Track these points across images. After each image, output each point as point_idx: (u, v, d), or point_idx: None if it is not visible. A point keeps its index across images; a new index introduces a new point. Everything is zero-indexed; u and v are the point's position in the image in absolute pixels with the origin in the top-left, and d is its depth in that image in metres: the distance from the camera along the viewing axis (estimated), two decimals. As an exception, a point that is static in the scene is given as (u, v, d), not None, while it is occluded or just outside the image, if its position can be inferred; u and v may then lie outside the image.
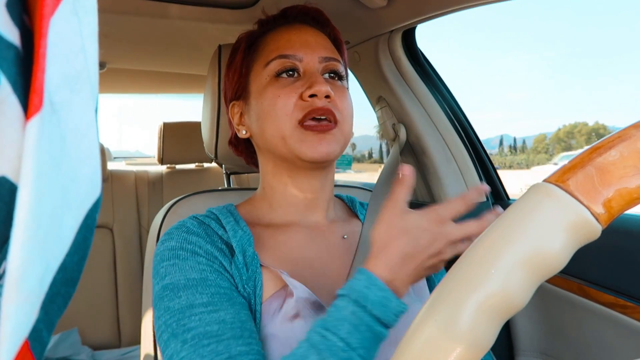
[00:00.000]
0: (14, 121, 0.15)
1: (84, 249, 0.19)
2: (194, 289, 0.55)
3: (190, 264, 0.58)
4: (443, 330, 0.24)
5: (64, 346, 1.78)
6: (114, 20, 1.25)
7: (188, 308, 0.54)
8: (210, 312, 0.53)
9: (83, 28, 0.18)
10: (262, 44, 0.69)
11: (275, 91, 0.63)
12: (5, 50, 0.15)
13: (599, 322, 0.81)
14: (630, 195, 0.25)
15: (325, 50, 0.67)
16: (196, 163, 2.25)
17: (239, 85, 0.70)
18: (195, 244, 0.60)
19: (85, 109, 0.18)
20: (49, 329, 0.18)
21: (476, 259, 0.25)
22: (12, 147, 0.15)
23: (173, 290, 0.56)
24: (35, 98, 0.15)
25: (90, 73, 0.18)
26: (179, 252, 0.59)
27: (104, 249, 1.96)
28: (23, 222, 0.15)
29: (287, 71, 0.64)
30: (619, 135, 0.27)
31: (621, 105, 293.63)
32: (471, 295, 0.24)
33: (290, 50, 0.65)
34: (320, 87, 0.61)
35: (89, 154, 0.18)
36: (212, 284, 0.56)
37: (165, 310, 0.55)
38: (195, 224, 0.63)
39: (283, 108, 0.62)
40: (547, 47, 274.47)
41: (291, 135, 0.62)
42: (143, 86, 2.47)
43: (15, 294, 0.15)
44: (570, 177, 0.26)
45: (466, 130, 1.18)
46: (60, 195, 0.17)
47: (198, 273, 0.57)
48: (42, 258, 0.16)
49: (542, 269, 0.25)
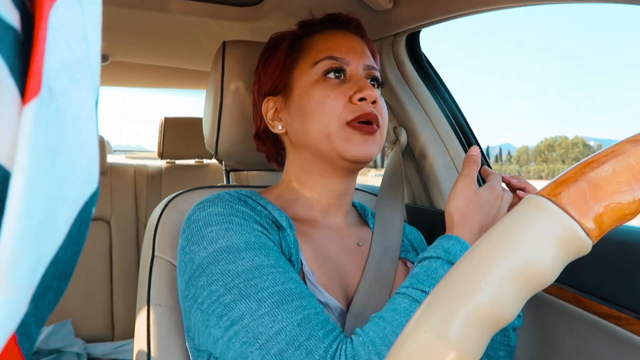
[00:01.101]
0: (11, 105, 0.15)
1: (78, 242, 0.18)
2: (258, 251, 0.54)
3: (246, 228, 0.56)
4: (433, 340, 0.24)
5: (57, 338, 1.78)
6: (119, 13, 1.25)
7: (256, 268, 0.52)
8: (282, 272, 0.52)
9: (86, 17, 0.18)
10: (308, 44, 0.70)
11: (325, 91, 0.65)
12: (3, 32, 0.15)
13: (593, 333, 0.81)
14: (622, 211, 0.25)
15: (369, 59, 0.70)
16: (196, 159, 2.25)
17: (279, 81, 0.70)
18: (244, 212, 0.59)
19: (85, 99, 0.18)
20: (38, 324, 0.17)
21: (467, 270, 0.25)
22: (7, 132, 0.15)
23: (232, 253, 0.53)
24: (33, 82, 0.15)
25: (91, 63, 0.18)
26: (230, 218, 0.57)
27: (101, 242, 1.96)
28: (15, 210, 0.14)
29: (335, 72, 0.66)
30: (613, 150, 0.27)
31: (602, 118, 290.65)
32: (461, 306, 0.24)
33: (339, 53, 0.67)
34: (370, 92, 0.63)
35: (88, 145, 0.18)
36: (273, 249, 0.56)
37: (223, 274, 0.52)
38: (234, 197, 0.62)
39: (333, 108, 0.64)
40: (545, 58, 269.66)
41: (337, 134, 0.63)
42: (146, 80, 2.47)
43: (4, 285, 0.14)
44: (562, 191, 0.26)
45: (467, 137, 1.18)
46: (55, 185, 0.16)
47: (257, 238, 0.56)
48: (33, 249, 0.15)
49: (531, 283, 0.25)
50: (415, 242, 0.79)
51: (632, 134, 0.28)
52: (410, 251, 0.75)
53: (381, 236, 0.72)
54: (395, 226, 0.74)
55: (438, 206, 1.14)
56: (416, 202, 1.25)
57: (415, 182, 1.22)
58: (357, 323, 0.59)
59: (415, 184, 1.23)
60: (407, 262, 0.73)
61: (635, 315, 0.74)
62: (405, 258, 0.73)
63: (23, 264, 0.15)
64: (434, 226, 0.78)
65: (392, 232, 0.73)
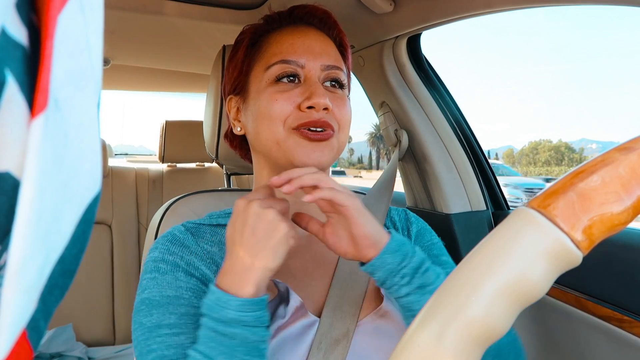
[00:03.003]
0: (20, 119, 0.16)
1: (82, 242, 0.19)
2: (165, 308, 0.56)
3: (168, 279, 0.58)
4: (425, 356, 0.24)
5: (58, 342, 1.78)
6: (120, 17, 1.26)
7: (156, 328, 0.55)
8: (173, 334, 0.54)
9: (89, 25, 0.18)
10: (265, 44, 0.67)
11: (274, 94, 0.62)
12: (13, 50, 0.16)
13: (595, 335, 0.81)
14: (612, 221, 0.25)
15: (329, 58, 0.66)
16: (197, 162, 2.25)
17: (238, 82, 0.69)
18: (177, 254, 0.60)
19: (88, 106, 0.18)
20: (45, 319, 0.18)
21: (458, 285, 0.25)
22: (17, 144, 0.16)
23: (148, 306, 0.57)
24: (40, 97, 0.16)
25: (94, 70, 0.19)
26: (159, 265, 0.60)
27: (102, 246, 1.95)
28: (25, 217, 0.15)
29: (288, 76, 0.63)
30: (602, 159, 0.26)
31: (590, 122, 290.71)
32: (451, 322, 0.24)
33: (293, 55, 0.64)
34: (319, 100, 0.60)
35: (91, 150, 0.19)
36: (185, 303, 0.57)
37: (139, 325, 0.56)
38: (182, 231, 0.63)
39: (279, 113, 0.61)
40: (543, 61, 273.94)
41: (285, 140, 0.61)
42: (146, 84, 2.48)
43: (15, 286, 0.15)
44: (551, 203, 0.25)
45: (468, 139, 1.18)
46: (61, 190, 0.17)
47: (174, 290, 0.58)
48: (42, 251, 0.16)
49: (522, 297, 0.25)
50: (397, 224, 0.75)
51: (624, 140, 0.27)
52: None
53: None
54: (377, 215, 0.73)
55: (439, 208, 1.14)
56: (417, 205, 1.25)
57: (417, 185, 1.22)
58: (334, 316, 0.60)
59: (417, 186, 1.23)
60: None
61: (638, 317, 0.74)
62: None
63: (32, 265, 0.16)
64: (435, 228, 0.77)
65: None
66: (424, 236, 0.73)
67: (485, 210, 1.15)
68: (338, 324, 0.60)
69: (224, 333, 0.49)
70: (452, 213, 1.12)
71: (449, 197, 1.13)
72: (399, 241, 0.55)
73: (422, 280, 0.54)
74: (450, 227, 1.11)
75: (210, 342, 0.49)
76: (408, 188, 1.28)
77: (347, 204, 0.53)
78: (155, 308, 0.56)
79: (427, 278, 0.54)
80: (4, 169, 0.16)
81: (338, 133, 0.64)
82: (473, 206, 1.14)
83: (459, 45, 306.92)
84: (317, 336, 0.58)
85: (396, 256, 0.54)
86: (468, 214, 1.13)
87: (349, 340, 0.59)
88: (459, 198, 1.13)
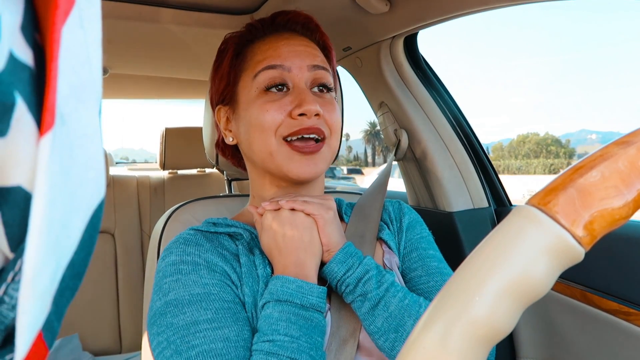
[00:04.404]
0: (29, 137, 0.17)
1: (89, 245, 0.20)
2: (198, 305, 0.56)
3: (192, 278, 0.58)
4: (431, 357, 0.24)
5: (64, 352, 1.78)
6: (118, 25, 1.26)
7: (192, 325, 0.54)
8: (215, 328, 0.54)
9: (88, 37, 0.19)
10: (250, 53, 0.68)
11: (264, 105, 0.63)
12: (21, 72, 0.16)
13: (602, 329, 0.81)
14: (612, 216, 0.25)
15: (314, 58, 0.67)
16: (198, 168, 2.25)
17: (227, 93, 0.70)
18: (194, 254, 0.60)
19: (91, 116, 0.19)
20: (58, 319, 0.20)
21: (461, 286, 0.25)
22: (27, 160, 0.17)
23: (177, 307, 0.56)
24: (48, 117, 0.16)
25: (95, 81, 0.19)
26: (180, 267, 0.59)
27: (106, 255, 1.95)
28: (37, 227, 0.16)
29: (277, 86, 0.64)
30: (601, 154, 0.26)
31: (605, 112, 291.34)
32: (456, 323, 0.24)
33: (279, 59, 0.64)
34: (310, 107, 0.61)
35: (95, 159, 0.19)
36: (216, 299, 0.57)
37: (168, 327, 0.55)
38: (192, 234, 0.64)
39: (271, 123, 0.63)
40: (545, 52, 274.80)
41: (278, 151, 0.63)
42: (145, 91, 2.48)
43: (31, 292, 0.16)
44: (551, 200, 0.25)
45: (468, 136, 1.18)
46: (69, 199, 0.18)
47: (201, 288, 0.57)
48: (53, 259, 0.18)
49: (525, 295, 0.25)
50: (392, 214, 0.77)
51: (624, 133, 0.27)
52: (384, 229, 0.74)
53: (357, 223, 0.72)
54: (372, 213, 0.74)
55: (442, 207, 1.14)
56: (420, 204, 1.25)
57: (418, 184, 1.22)
58: (340, 317, 0.62)
59: (418, 185, 1.22)
60: (383, 243, 0.72)
61: (645, 310, 0.74)
62: (380, 238, 0.72)
63: (45, 272, 0.17)
64: (438, 227, 0.77)
65: (369, 219, 0.73)
66: (415, 228, 0.75)
67: (487, 207, 1.14)
68: (344, 323, 0.62)
69: (305, 317, 0.56)
70: (454, 211, 1.11)
71: (450, 195, 1.13)
72: (347, 253, 0.61)
73: (364, 289, 0.59)
74: (453, 225, 1.10)
75: (293, 325, 0.55)
76: (410, 187, 1.28)
77: (316, 213, 0.61)
78: (186, 307, 0.56)
79: (368, 287, 0.59)
80: (16, 183, 0.17)
81: (330, 139, 0.66)
82: (475, 203, 1.14)
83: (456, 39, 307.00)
84: (328, 337, 0.60)
85: (342, 266, 0.60)
86: (470, 212, 1.13)
87: (355, 339, 0.61)
88: (461, 196, 1.13)
